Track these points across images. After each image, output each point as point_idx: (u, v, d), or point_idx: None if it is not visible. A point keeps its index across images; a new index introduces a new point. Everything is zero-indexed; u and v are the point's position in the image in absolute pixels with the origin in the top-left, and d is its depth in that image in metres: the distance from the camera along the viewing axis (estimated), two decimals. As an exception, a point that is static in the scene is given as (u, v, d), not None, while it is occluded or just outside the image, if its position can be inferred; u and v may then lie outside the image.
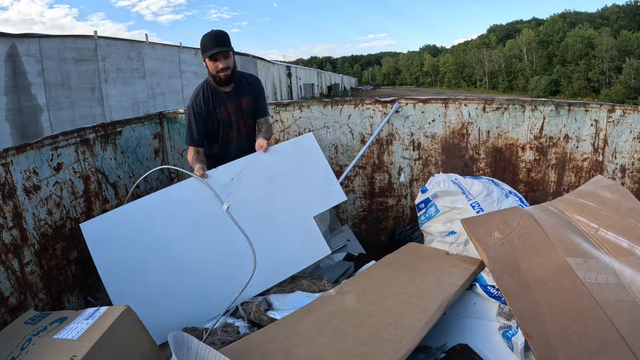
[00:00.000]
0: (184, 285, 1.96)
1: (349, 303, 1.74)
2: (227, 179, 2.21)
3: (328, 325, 1.60)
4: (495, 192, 2.23)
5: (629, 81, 44.41)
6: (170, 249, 2.00)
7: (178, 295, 1.93)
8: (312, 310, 1.71)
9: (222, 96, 2.47)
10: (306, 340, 1.53)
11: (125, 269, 1.90)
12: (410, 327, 1.52)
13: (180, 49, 14.32)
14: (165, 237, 2.01)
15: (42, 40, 8.34)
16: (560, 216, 1.97)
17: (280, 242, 2.16)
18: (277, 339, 1.55)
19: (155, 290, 1.91)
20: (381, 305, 1.68)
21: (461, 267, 1.94)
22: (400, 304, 1.68)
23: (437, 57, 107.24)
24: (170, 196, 2.13)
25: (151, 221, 2.03)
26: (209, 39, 2.35)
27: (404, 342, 1.45)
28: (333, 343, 1.50)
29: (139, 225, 2.00)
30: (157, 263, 1.96)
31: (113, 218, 2.01)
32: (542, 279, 1.67)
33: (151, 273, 1.94)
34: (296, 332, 1.58)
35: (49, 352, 1.36)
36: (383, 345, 1.45)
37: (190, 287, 1.96)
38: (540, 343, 1.44)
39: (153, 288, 1.91)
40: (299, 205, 2.27)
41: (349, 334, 1.54)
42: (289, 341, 1.53)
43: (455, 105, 2.93)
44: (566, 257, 1.72)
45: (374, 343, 1.47)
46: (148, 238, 1.99)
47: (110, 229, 1.96)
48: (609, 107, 2.71)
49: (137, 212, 2.04)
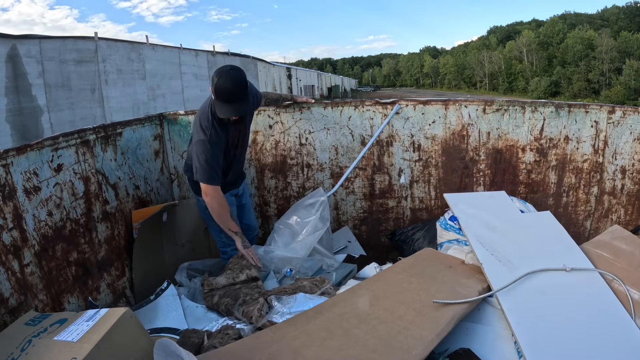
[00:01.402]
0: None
1: (361, 307, 1.72)
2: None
3: (339, 328, 1.59)
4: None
5: (629, 82, 44.44)
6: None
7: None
8: (324, 311, 1.70)
9: (229, 123, 2.34)
10: (315, 342, 1.52)
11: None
12: (421, 338, 1.51)
13: (180, 50, 14.34)
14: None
15: (42, 41, 8.36)
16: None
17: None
18: (287, 338, 1.54)
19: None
20: (393, 312, 1.67)
21: (476, 278, 1.91)
22: (412, 312, 1.66)
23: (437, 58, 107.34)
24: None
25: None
26: (228, 92, 2.12)
27: (414, 352, 1.44)
28: (342, 347, 1.49)
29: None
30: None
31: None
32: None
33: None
34: (306, 332, 1.57)
35: (49, 353, 1.36)
36: (393, 354, 1.44)
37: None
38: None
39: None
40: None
41: (359, 339, 1.53)
42: (299, 341, 1.52)
43: (455, 106, 2.93)
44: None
45: (383, 351, 1.46)
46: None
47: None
48: (609, 108, 2.71)
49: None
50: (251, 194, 3.32)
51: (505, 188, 2.92)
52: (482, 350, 1.64)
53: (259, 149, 3.21)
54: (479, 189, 3.01)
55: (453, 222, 2.33)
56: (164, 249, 2.75)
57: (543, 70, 60.90)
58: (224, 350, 1.51)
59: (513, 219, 2.28)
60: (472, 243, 2.02)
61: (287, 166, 3.20)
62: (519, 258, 1.94)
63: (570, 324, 1.66)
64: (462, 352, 1.64)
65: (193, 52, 15.25)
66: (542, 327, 1.63)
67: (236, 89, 2.14)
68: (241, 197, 2.76)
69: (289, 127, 3.12)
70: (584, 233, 2.90)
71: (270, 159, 3.20)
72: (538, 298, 1.76)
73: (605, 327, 1.66)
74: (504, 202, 2.42)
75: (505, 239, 2.08)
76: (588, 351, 1.55)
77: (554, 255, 1.98)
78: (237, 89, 2.15)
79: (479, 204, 2.36)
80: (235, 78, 2.15)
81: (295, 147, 3.15)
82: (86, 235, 2.26)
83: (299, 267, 2.53)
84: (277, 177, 3.24)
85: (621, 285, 1.79)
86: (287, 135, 3.13)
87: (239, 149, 2.53)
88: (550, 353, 1.54)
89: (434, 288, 1.84)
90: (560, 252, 2.02)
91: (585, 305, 1.75)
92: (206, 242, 3.09)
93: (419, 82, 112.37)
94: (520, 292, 1.78)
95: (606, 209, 2.84)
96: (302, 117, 3.09)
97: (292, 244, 2.61)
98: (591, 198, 2.85)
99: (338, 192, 3.14)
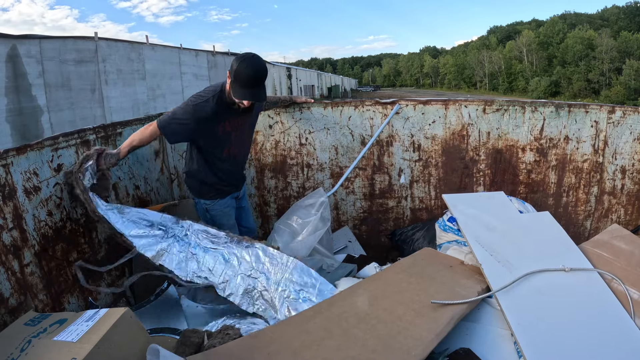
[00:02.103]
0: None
1: (361, 306, 1.72)
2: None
3: (338, 328, 1.59)
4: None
5: (629, 82, 44.45)
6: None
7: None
8: (323, 310, 1.70)
9: (230, 110, 2.31)
10: (315, 341, 1.52)
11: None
12: (420, 338, 1.51)
13: (180, 50, 14.33)
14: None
15: (42, 41, 8.35)
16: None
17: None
18: (286, 338, 1.54)
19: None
20: (392, 312, 1.67)
21: (475, 279, 1.91)
22: (411, 313, 1.66)
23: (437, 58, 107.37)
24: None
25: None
26: (248, 78, 2.13)
27: (413, 352, 1.44)
28: (341, 347, 1.49)
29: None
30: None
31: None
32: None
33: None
34: (305, 332, 1.57)
35: (49, 353, 1.36)
36: (392, 355, 1.44)
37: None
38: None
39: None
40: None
41: (358, 339, 1.53)
42: (298, 341, 1.52)
43: (455, 106, 2.93)
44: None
45: (383, 352, 1.46)
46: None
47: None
48: (609, 108, 2.71)
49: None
50: (251, 194, 3.32)
51: (505, 188, 2.93)
52: (482, 350, 1.64)
53: (259, 149, 3.21)
54: (479, 189, 3.01)
55: (452, 223, 2.33)
56: (164, 249, 2.74)
57: (543, 70, 60.91)
58: (223, 349, 1.51)
59: (512, 219, 2.27)
60: (471, 244, 2.02)
61: (287, 166, 3.20)
62: (518, 258, 1.94)
63: (570, 324, 1.66)
64: (462, 352, 1.64)
65: (193, 52, 15.25)
66: (541, 327, 1.63)
67: (257, 74, 2.16)
68: (241, 199, 2.75)
69: (289, 127, 3.12)
70: (583, 233, 2.90)
71: (270, 158, 3.20)
72: (537, 298, 1.76)
73: (604, 327, 1.66)
74: (502, 203, 2.42)
75: (505, 240, 2.08)
76: (588, 351, 1.55)
77: (553, 255, 1.98)
78: (258, 74, 2.16)
79: (478, 204, 2.36)
80: (258, 64, 2.16)
81: (295, 147, 3.15)
82: (86, 235, 2.26)
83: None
84: (277, 177, 3.24)
85: (620, 285, 1.79)
86: (287, 135, 3.13)
87: (238, 148, 2.47)
88: (549, 353, 1.54)
89: (433, 288, 1.84)
90: (559, 252, 2.02)
91: (585, 305, 1.76)
92: (206, 242, 3.08)
93: (419, 82, 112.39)
94: (520, 292, 1.78)
95: (606, 209, 2.84)
96: (302, 117, 3.09)
97: (292, 243, 2.61)
98: (591, 198, 2.85)
99: (338, 192, 3.15)
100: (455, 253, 2.17)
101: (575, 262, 1.94)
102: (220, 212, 2.56)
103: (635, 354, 1.54)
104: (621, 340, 1.60)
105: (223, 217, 2.55)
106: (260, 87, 2.21)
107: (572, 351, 1.55)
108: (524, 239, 2.11)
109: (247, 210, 2.87)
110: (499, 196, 2.49)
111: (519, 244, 2.06)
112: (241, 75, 2.13)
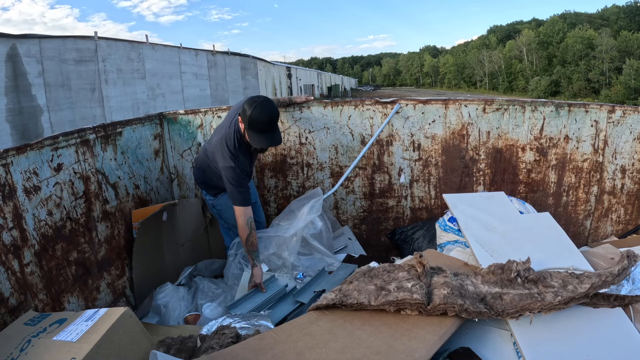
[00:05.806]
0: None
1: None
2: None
3: (342, 330, 1.59)
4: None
5: (629, 82, 44.40)
6: None
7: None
8: (327, 312, 1.70)
9: (250, 147, 2.43)
10: (319, 344, 1.52)
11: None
12: (425, 340, 1.51)
13: (180, 50, 14.33)
14: None
15: (42, 41, 8.35)
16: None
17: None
18: (290, 340, 1.54)
19: None
20: (397, 313, 1.66)
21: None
22: (415, 314, 1.65)
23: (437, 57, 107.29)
24: None
25: None
26: (263, 124, 2.22)
27: (417, 354, 1.44)
28: (346, 349, 1.49)
29: None
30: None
31: None
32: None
33: None
34: (309, 334, 1.57)
35: (48, 353, 1.36)
36: (396, 356, 1.44)
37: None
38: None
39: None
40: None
41: (363, 341, 1.53)
42: (302, 343, 1.53)
43: (455, 106, 2.93)
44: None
45: (387, 353, 1.46)
46: None
47: None
48: (609, 107, 2.71)
49: None
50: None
51: (505, 187, 2.93)
52: (482, 350, 1.64)
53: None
54: (479, 189, 3.01)
55: (452, 223, 2.33)
56: (164, 249, 2.75)
57: (543, 69, 60.86)
58: (227, 352, 1.51)
59: (512, 219, 2.27)
60: (472, 244, 2.02)
61: (287, 165, 3.20)
62: (518, 259, 1.94)
63: (569, 325, 1.66)
64: (462, 352, 1.64)
65: (193, 51, 15.25)
66: (541, 327, 1.63)
67: (271, 118, 2.24)
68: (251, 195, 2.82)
69: (288, 126, 3.12)
70: (583, 232, 2.90)
71: (270, 158, 3.20)
72: None
73: (604, 329, 1.66)
74: (503, 203, 2.42)
75: (505, 240, 2.08)
76: (587, 353, 1.55)
77: (552, 256, 1.98)
78: (272, 118, 2.25)
79: (478, 204, 2.36)
80: (270, 109, 2.23)
81: (295, 147, 3.15)
82: (86, 235, 2.26)
83: (288, 254, 2.54)
84: (277, 177, 3.24)
85: None
86: (287, 134, 3.13)
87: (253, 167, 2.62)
88: (549, 353, 1.54)
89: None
90: (559, 253, 2.02)
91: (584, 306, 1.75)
92: (206, 242, 3.09)
93: (419, 82, 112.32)
94: None
95: (606, 209, 2.84)
96: (302, 117, 3.09)
97: (280, 231, 2.64)
98: (591, 197, 2.85)
99: (338, 191, 3.15)
100: (459, 255, 2.17)
101: (575, 263, 1.93)
102: (225, 207, 2.63)
103: (635, 356, 1.55)
104: (621, 342, 1.60)
105: (229, 211, 2.58)
106: (275, 130, 2.29)
107: (572, 351, 1.55)
108: (524, 240, 2.11)
109: (257, 205, 2.98)
110: (500, 196, 2.49)
111: (519, 245, 2.06)
112: (256, 123, 2.21)
